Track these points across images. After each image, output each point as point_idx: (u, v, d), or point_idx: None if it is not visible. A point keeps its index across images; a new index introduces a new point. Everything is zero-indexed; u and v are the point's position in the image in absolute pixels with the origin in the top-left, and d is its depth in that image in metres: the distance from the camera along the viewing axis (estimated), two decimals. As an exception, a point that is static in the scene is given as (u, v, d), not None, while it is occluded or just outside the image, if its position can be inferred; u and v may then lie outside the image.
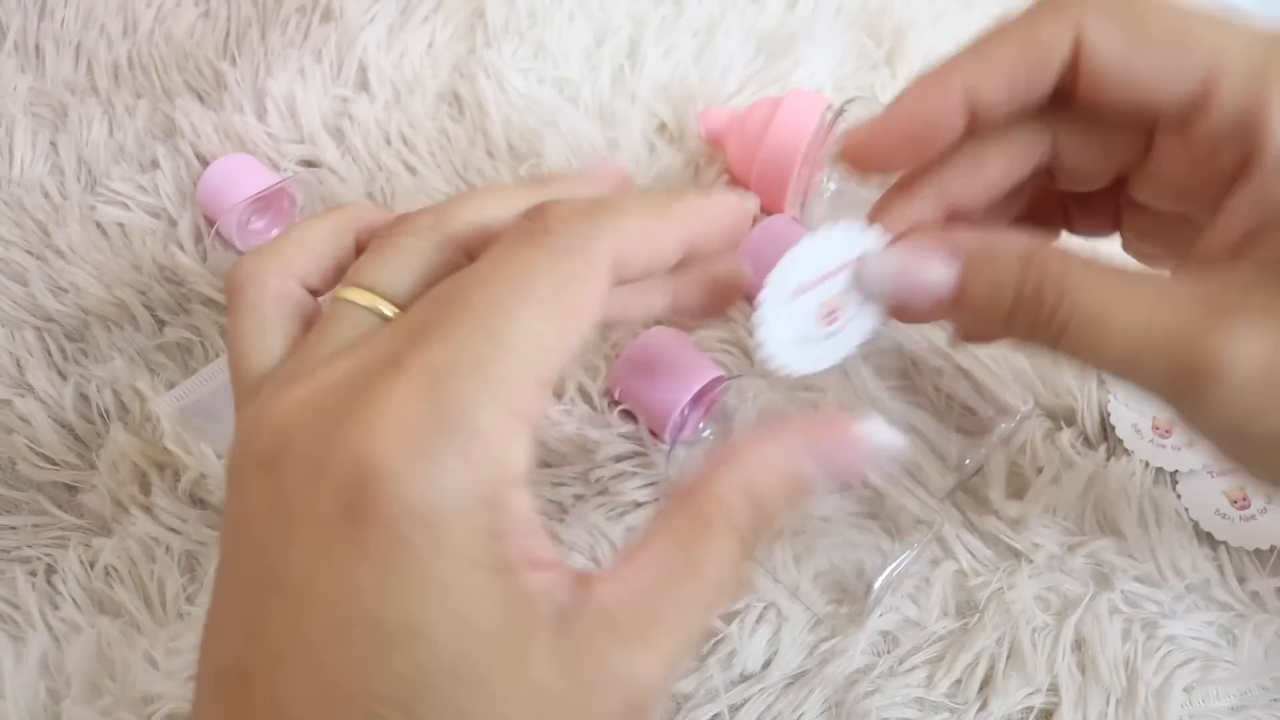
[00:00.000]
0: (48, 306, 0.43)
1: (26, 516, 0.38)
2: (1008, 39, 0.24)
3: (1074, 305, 0.24)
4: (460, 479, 0.19)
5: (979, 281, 0.25)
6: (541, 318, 0.20)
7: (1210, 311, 0.23)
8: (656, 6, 0.49)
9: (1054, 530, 0.35)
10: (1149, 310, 0.23)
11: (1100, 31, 0.23)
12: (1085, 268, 0.24)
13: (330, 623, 0.19)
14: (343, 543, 0.19)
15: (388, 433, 0.19)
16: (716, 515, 0.21)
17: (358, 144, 0.46)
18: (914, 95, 0.25)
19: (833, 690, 0.33)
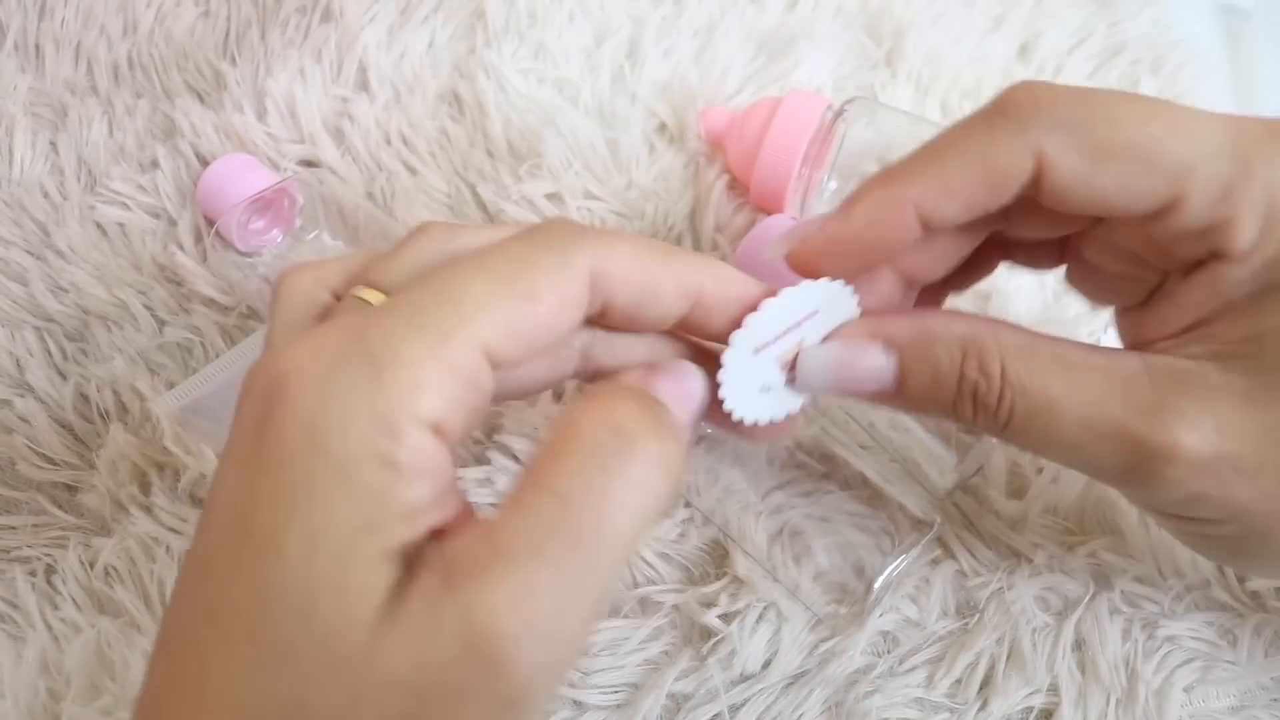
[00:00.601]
0: (48, 306, 0.43)
1: (26, 516, 0.38)
2: (965, 159, 0.23)
3: (1016, 397, 0.24)
4: (362, 399, 0.19)
5: (918, 373, 0.25)
6: (495, 286, 0.20)
7: (1157, 402, 0.23)
8: (656, 6, 0.49)
9: (1054, 530, 0.35)
10: (1095, 401, 0.24)
11: (1062, 154, 0.23)
12: (1024, 357, 0.24)
13: (217, 531, 0.19)
14: (249, 451, 0.19)
15: (305, 353, 0.19)
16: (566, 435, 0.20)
17: (358, 144, 0.46)
18: (865, 210, 0.24)
19: (833, 690, 0.33)
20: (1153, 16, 0.50)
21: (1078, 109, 0.23)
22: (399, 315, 0.20)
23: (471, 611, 0.18)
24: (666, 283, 0.23)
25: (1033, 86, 0.23)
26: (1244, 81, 0.51)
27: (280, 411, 0.19)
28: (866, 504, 0.33)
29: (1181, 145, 0.22)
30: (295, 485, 0.18)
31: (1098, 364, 0.24)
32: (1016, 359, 0.24)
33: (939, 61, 0.47)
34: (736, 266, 0.39)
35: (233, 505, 0.19)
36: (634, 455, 0.20)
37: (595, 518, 0.19)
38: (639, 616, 0.34)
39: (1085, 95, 0.23)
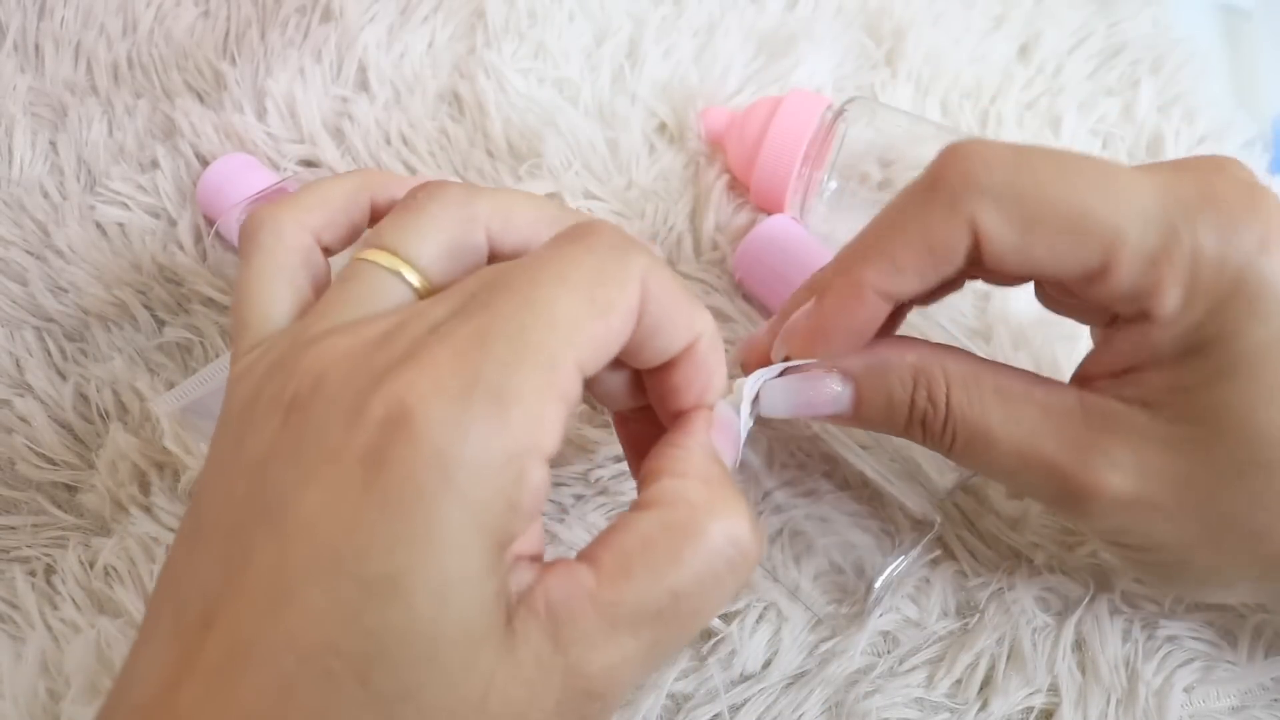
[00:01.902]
0: (47, 306, 0.43)
1: (26, 516, 0.38)
2: (906, 238, 0.25)
3: (957, 424, 0.26)
4: (495, 438, 0.18)
5: (872, 400, 0.27)
6: (580, 302, 0.20)
7: (1087, 441, 0.25)
8: (656, 6, 0.49)
9: (1054, 530, 0.35)
10: (1029, 434, 0.26)
11: (994, 226, 0.24)
12: (968, 388, 0.26)
13: (315, 565, 0.18)
14: (356, 486, 0.18)
15: (428, 383, 0.18)
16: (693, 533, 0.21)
17: (358, 144, 0.46)
18: (832, 302, 0.26)
19: (833, 690, 0.33)
20: (1153, 16, 0.50)
21: (1008, 176, 0.24)
22: (506, 337, 0.19)
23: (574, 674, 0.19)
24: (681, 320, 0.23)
25: (964, 154, 0.24)
26: (1244, 81, 0.51)
27: (406, 450, 0.18)
28: (866, 504, 0.33)
29: (1110, 214, 0.23)
30: (424, 531, 0.18)
31: (1036, 398, 0.26)
32: (960, 389, 0.26)
33: (939, 61, 0.47)
34: (736, 267, 0.40)
35: (333, 542, 0.18)
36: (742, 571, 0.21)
37: (695, 615, 0.21)
38: (639, 616, 0.34)
39: (1016, 160, 0.24)
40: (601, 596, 0.20)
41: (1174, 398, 0.25)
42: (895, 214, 0.25)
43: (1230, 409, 0.24)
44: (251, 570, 0.18)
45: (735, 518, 0.21)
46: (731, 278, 0.41)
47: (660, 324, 0.22)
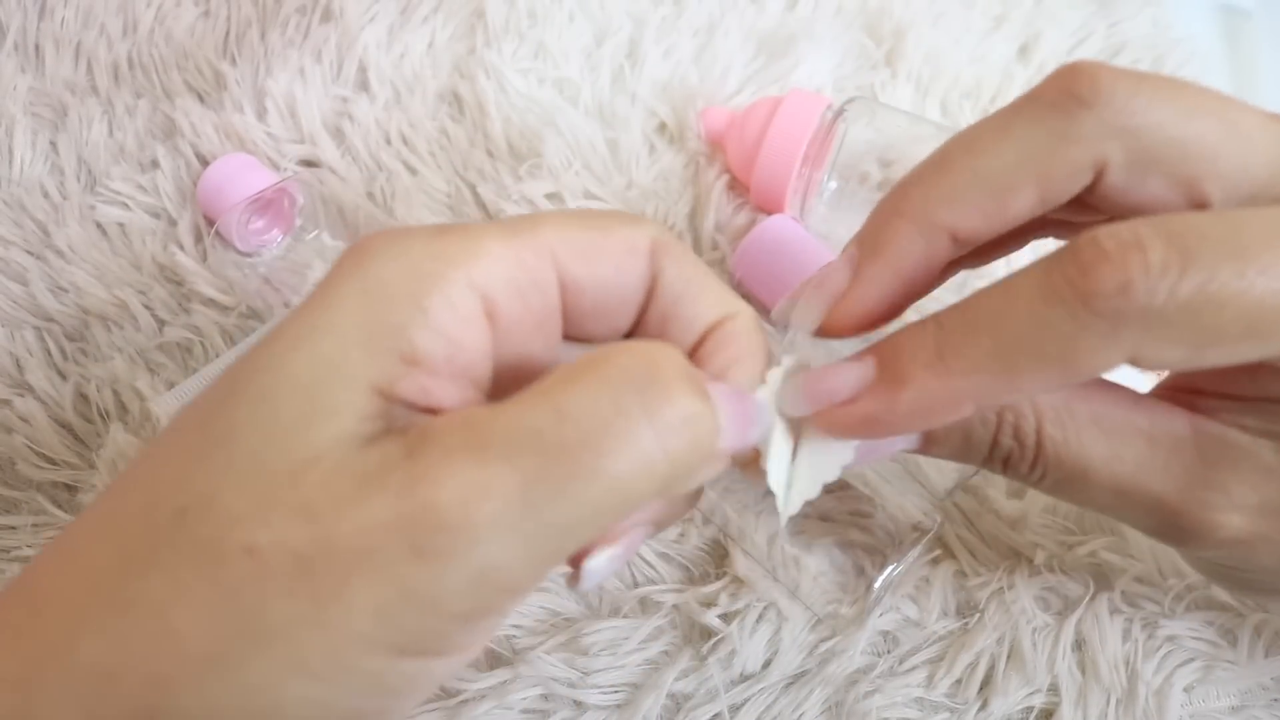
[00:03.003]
0: (47, 306, 0.43)
1: (26, 516, 0.38)
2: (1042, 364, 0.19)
3: (1049, 464, 0.23)
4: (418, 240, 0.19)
5: (948, 438, 0.23)
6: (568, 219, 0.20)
7: (1201, 478, 0.22)
8: (656, 6, 0.49)
9: (1054, 530, 0.35)
10: (1134, 471, 0.22)
11: (1159, 353, 0.19)
12: (1061, 423, 0.23)
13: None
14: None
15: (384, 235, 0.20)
16: (593, 359, 0.18)
17: (358, 144, 0.46)
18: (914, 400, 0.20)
19: (833, 690, 0.33)
20: (1153, 16, 0.50)
21: (1183, 289, 0.18)
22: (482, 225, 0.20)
23: (418, 485, 0.16)
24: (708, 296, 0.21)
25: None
26: (1244, 81, 0.51)
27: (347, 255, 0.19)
28: (866, 504, 0.33)
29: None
30: (322, 294, 0.18)
31: (1141, 426, 0.23)
32: (1053, 425, 0.23)
33: (939, 61, 0.47)
34: (736, 266, 0.40)
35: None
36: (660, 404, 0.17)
37: (589, 447, 0.17)
38: (639, 616, 0.34)
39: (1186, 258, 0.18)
40: (475, 415, 0.17)
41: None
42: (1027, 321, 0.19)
43: None
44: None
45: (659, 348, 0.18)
46: (731, 277, 0.41)
47: (684, 291, 0.21)
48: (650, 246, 0.21)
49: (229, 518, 0.16)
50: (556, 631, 0.34)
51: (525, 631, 0.34)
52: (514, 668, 0.33)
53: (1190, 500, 0.22)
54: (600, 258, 0.20)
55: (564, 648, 0.33)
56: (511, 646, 0.34)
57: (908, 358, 0.20)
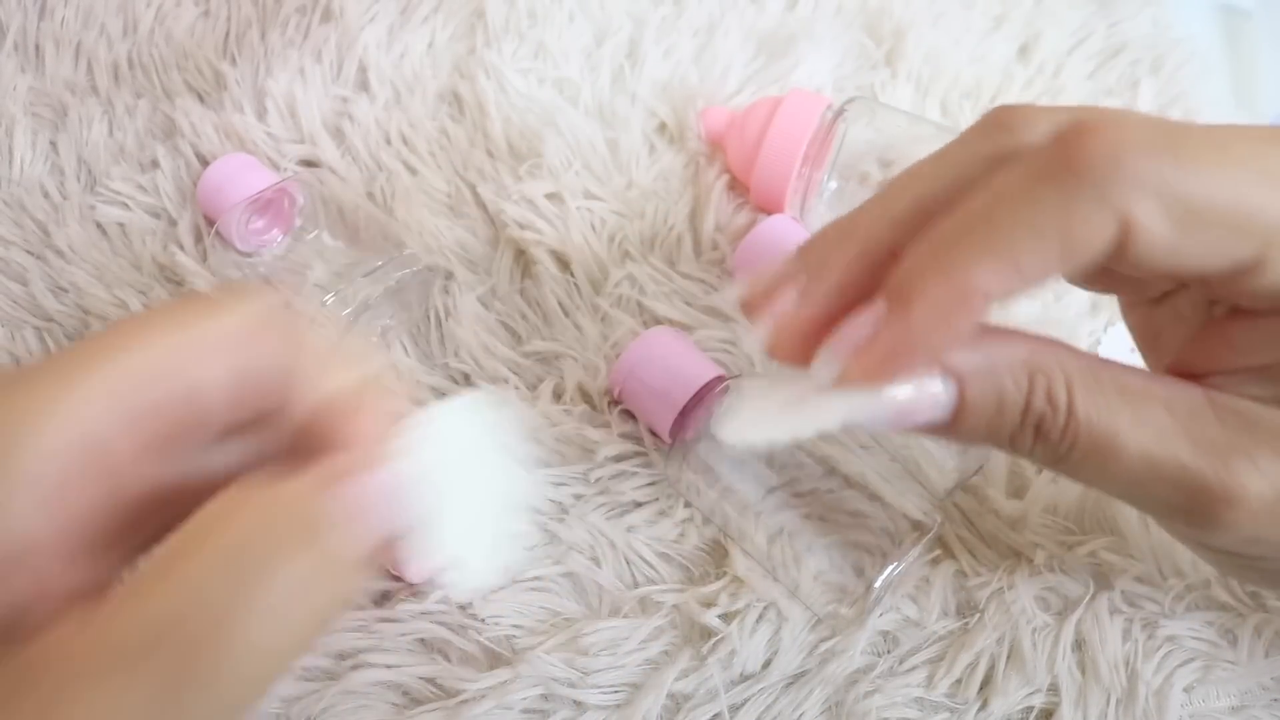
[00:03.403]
0: (47, 306, 0.43)
1: (26, 516, 0.38)
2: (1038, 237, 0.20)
3: (1079, 428, 0.22)
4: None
5: (981, 404, 0.23)
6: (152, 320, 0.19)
7: (1224, 444, 0.22)
8: (656, 6, 0.49)
9: (1054, 530, 0.35)
10: (1160, 438, 0.22)
11: (1150, 223, 0.20)
12: (1090, 387, 0.22)
13: None
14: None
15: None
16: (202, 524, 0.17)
17: (358, 144, 0.46)
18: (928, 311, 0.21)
19: (833, 690, 0.33)
20: (1153, 16, 0.50)
21: (1168, 163, 0.20)
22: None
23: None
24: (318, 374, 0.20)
25: (1110, 133, 0.20)
26: (1244, 82, 0.51)
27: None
28: (866, 504, 0.33)
29: (1272, 202, 0.20)
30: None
31: (1159, 395, 0.23)
32: (1084, 389, 0.22)
33: (939, 61, 0.47)
34: (736, 267, 0.40)
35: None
36: (279, 564, 0.17)
37: (220, 629, 0.16)
38: (639, 616, 0.34)
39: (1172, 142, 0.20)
40: (87, 627, 0.16)
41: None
42: (1009, 200, 0.20)
43: None
44: None
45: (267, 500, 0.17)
46: (731, 278, 0.41)
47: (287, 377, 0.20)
48: (237, 337, 0.19)
49: None
50: (556, 631, 0.34)
51: (525, 631, 0.34)
52: (514, 668, 0.33)
53: (1217, 466, 0.22)
54: (174, 372, 0.18)
55: (564, 648, 0.33)
56: (511, 646, 0.34)
57: (911, 277, 0.21)
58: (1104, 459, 0.23)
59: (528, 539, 0.19)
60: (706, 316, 0.40)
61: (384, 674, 0.33)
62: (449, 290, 0.42)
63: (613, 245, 0.42)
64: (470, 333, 0.40)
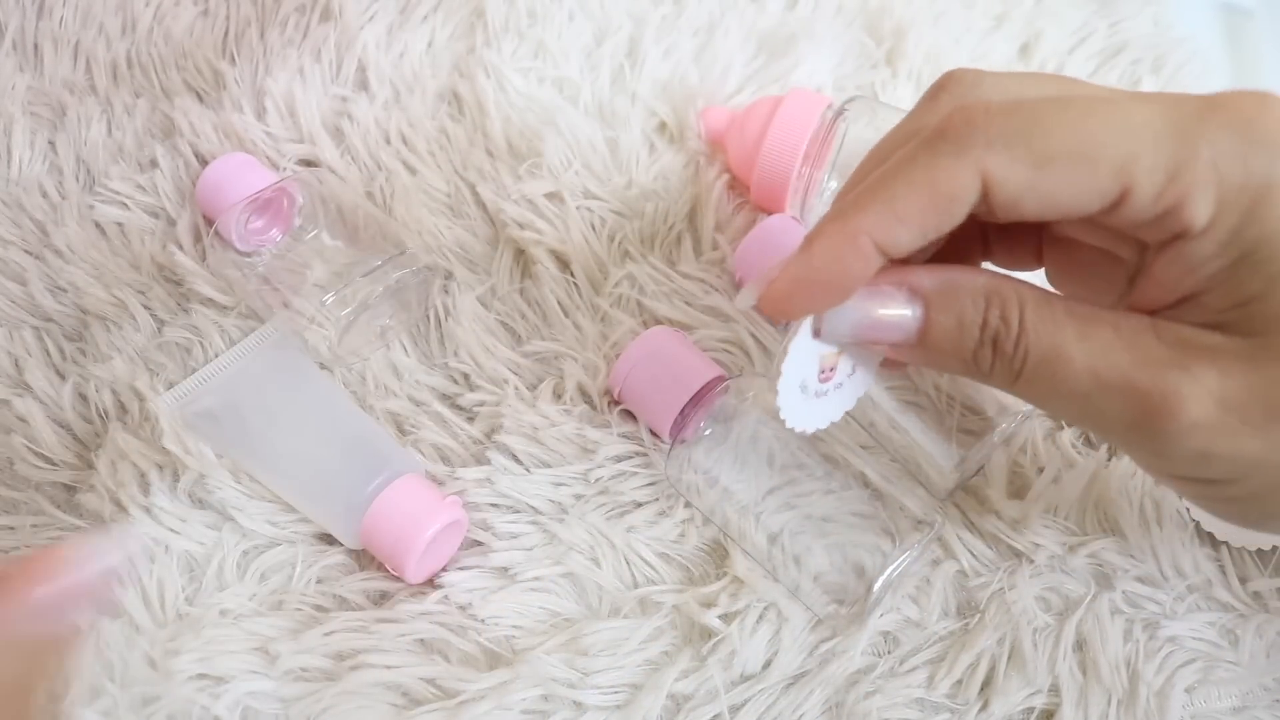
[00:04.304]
0: (46, 306, 0.42)
1: (25, 516, 0.38)
2: (911, 187, 0.24)
3: (1031, 345, 0.25)
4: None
5: (943, 321, 0.26)
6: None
7: (1163, 357, 0.24)
8: (656, 6, 0.49)
9: (1055, 530, 0.35)
10: (1104, 351, 0.24)
11: (1005, 171, 0.23)
12: (1040, 306, 0.25)
13: None
14: None
15: None
16: None
17: (357, 143, 0.45)
18: (823, 248, 0.25)
19: (833, 691, 0.33)
20: (1153, 15, 0.50)
21: (1014, 121, 0.23)
22: None
23: None
24: None
25: (967, 105, 0.24)
26: (1245, 81, 0.51)
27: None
28: (867, 504, 0.33)
29: (1121, 139, 0.23)
30: None
31: (1107, 318, 0.25)
32: (1034, 308, 0.25)
33: (939, 61, 0.47)
34: (736, 266, 0.40)
35: None
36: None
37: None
38: (639, 616, 0.34)
39: (1019, 106, 0.24)
40: None
41: (1239, 313, 0.23)
42: (899, 164, 0.24)
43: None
44: None
45: None
46: (732, 278, 0.41)
47: None
48: None
49: None
50: (556, 632, 0.34)
51: (525, 632, 0.34)
52: (514, 668, 0.33)
53: (1157, 378, 0.24)
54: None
55: (564, 648, 0.33)
56: (511, 646, 0.34)
57: (818, 226, 0.25)
58: (1053, 371, 0.25)
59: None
60: (706, 316, 0.40)
61: (384, 674, 0.33)
62: (449, 290, 0.42)
63: (613, 245, 0.42)
64: (470, 333, 0.40)
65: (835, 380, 0.28)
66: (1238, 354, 0.23)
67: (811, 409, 0.28)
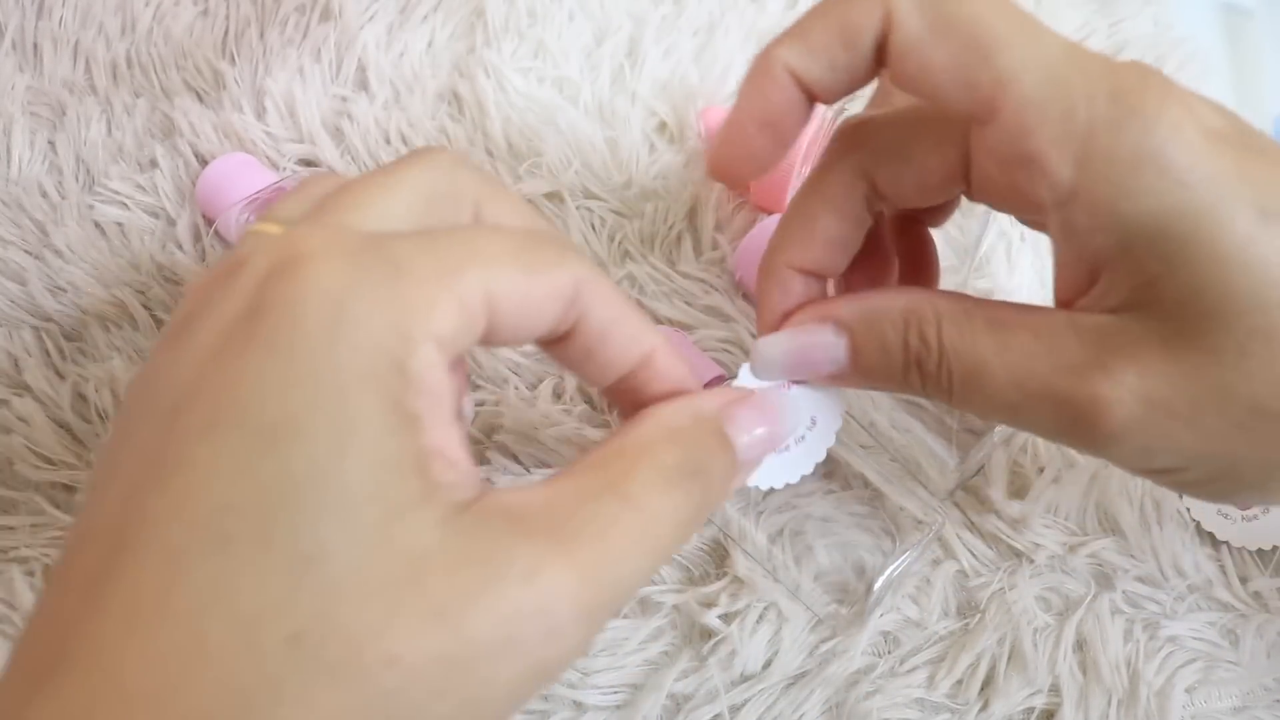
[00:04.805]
0: (46, 306, 0.42)
1: (24, 516, 0.38)
2: (824, 19, 0.24)
3: (951, 361, 0.25)
4: (385, 297, 0.17)
5: (867, 349, 0.26)
6: (505, 251, 0.20)
7: (1081, 360, 0.23)
8: (656, 6, 0.49)
9: (1055, 530, 0.35)
10: (1023, 362, 0.24)
11: (906, 17, 0.23)
12: (957, 323, 0.25)
13: (200, 422, 0.16)
14: (238, 337, 0.17)
15: (321, 239, 0.18)
16: (640, 450, 0.20)
17: (357, 143, 0.45)
18: (748, 89, 0.25)
19: (833, 691, 0.33)
20: (1154, 15, 0.50)
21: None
22: (415, 239, 0.19)
23: (538, 578, 0.17)
24: (631, 332, 0.22)
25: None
26: (1246, 81, 0.50)
27: (295, 290, 0.17)
28: (867, 504, 0.33)
29: (1015, 51, 0.22)
30: (315, 370, 0.16)
31: (1028, 323, 0.24)
32: (951, 325, 0.25)
33: (939, 61, 0.47)
34: (736, 266, 0.40)
35: (216, 395, 0.16)
36: (700, 496, 0.21)
37: (655, 529, 0.20)
38: (639, 616, 0.34)
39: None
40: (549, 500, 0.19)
41: (1145, 294, 0.23)
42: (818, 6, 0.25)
43: (1200, 286, 0.22)
44: (129, 453, 0.17)
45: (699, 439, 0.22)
46: (732, 278, 0.41)
47: (608, 331, 0.22)
48: (575, 288, 0.21)
49: (358, 633, 0.16)
50: (556, 632, 0.34)
51: (525, 632, 0.34)
52: (513, 668, 0.33)
53: (1076, 384, 0.23)
54: (526, 303, 0.20)
55: (564, 648, 0.33)
56: (511, 647, 0.34)
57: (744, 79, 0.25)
58: (980, 386, 0.25)
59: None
60: (706, 316, 0.40)
61: (383, 675, 0.33)
62: (448, 290, 0.42)
63: (613, 245, 0.42)
64: (470, 332, 0.40)
65: (797, 433, 0.28)
66: (1156, 343, 0.23)
67: (773, 465, 0.27)
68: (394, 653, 0.16)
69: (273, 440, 0.16)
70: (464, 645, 0.17)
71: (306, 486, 0.16)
